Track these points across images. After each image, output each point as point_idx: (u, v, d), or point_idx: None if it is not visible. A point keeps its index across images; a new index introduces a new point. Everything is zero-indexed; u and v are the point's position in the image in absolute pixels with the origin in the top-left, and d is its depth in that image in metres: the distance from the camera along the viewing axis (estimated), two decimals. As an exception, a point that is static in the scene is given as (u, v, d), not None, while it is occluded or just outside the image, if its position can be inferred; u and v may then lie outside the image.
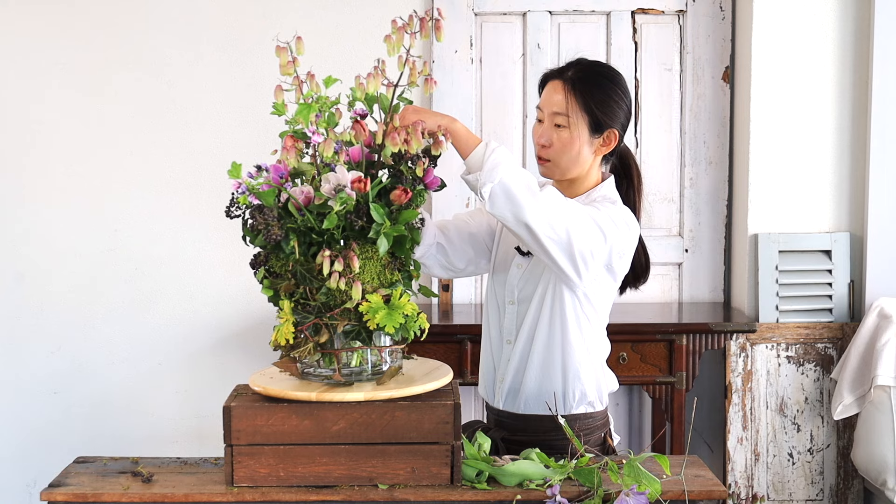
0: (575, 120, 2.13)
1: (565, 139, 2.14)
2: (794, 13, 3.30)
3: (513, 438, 2.21)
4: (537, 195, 1.96)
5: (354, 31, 3.44)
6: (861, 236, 3.34)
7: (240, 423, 1.82)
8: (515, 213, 1.95)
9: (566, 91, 2.14)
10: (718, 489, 1.85)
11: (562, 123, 2.14)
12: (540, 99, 2.21)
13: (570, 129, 2.14)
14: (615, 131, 2.17)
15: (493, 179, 1.92)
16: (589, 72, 2.17)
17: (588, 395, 2.21)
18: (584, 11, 3.47)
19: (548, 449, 2.00)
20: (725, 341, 3.18)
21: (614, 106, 2.16)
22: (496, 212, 1.96)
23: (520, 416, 2.22)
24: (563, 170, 2.18)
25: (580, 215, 2.02)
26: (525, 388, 2.21)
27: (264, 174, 1.86)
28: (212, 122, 3.48)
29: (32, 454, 3.52)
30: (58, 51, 3.45)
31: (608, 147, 2.18)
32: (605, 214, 2.08)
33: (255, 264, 1.89)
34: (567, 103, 2.13)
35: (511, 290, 2.23)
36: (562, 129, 2.14)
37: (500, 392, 2.25)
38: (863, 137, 3.32)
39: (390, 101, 1.91)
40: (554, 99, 2.15)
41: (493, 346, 2.29)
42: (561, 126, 2.14)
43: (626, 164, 2.28)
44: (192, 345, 3.54)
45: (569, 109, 2.13)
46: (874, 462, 3.12)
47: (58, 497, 1.83)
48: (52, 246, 3.50)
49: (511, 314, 2.23)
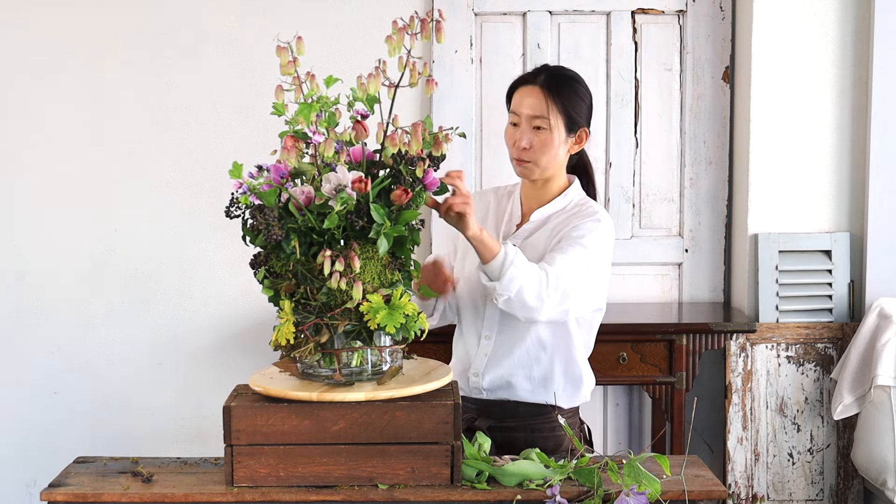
0: (554, 121, 2.26)
1: (545, 140, 2.26)
2: (794, 13, 3.30)
3: (502, 426, 2.32)
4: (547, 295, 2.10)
5: (354, 31, 3.44)
6: (861, 236, 3.34)
7: (240, 423, 1.82)
8: (526, 316, 2.14)
9: (544, 95, 2.26)
10: (718, 489, 1.85)
11: (541, 125, 2.26)
12: (511, 104, 2.32)
13: (551, 130, 2.26)
14: (586, 130, 2.32)
15: (510, 291, 2.08)
16: (559, 75, 2.30)
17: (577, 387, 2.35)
18: (584, 11, 3.47)
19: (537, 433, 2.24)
20: (725, 341, 3.19)
21: (583, 106, 2.31)
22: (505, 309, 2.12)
23: (508, 403, 2.33)
24: (543, 169, 2.29)
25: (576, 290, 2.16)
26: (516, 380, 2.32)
27: (265, 174, 1.86)
28: (212, 122, 3.48)
29: (32, 454, 3.52)
30: (58, 51, 3.45)
31: (580, 145, 2.33)
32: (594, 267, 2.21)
33: (256, 264, 1.89)
34: (546, 106, 2.25)
35: None
36: (541, 131, 2.26)
37: (478, 384, 2.35)
38: (863, 137, 3.32)
39: (391, 102, 1.91)
40: (531, 103, 2.27)
41: (466, 339, 2.40)
42: (540, 128, 2.26)
43: (583, 161, 2.43)
44: (192, 345, 3.54)
45: (548, 111, 2.25)
46: (874, 462, 3.12)
47: (58, 497, 1.83)
48: (52, 246, 3.50)
49: (493, 311, 2.32)
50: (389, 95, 1.90)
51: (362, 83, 1.90)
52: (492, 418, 2.33)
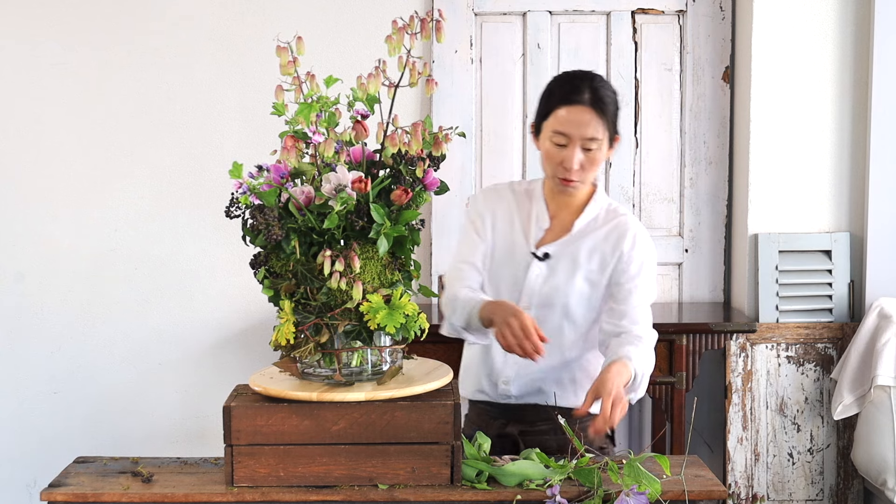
0: (603, 139, 2.20)
1: (594, 159, 2.20)
2: (794, 13, 3.30)
3: (533, 430, 2.29)
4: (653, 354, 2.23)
5: (354, 31, 3.44)
6: (861, 236, 3.34)
7: (240, 423, 1.82)
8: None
9: (596, 115, 2.18)
10: (718, 489, 1.85)
11: (593, 147, 2.19)
12: (553, 121, 2.20)
13: (600, 147, 2.20)
14: (618, 136, 2.27)
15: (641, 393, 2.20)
16: (602, 90, 2.21)
17: None
18: (584, 11, 3.47)
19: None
20: (725, 341, 3.18)
21: (618, 114, 2.25)
22: None
23: (539, 407, 2.28)
24: (587, 183, 2.26)
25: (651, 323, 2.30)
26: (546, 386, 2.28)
27: (265, 174, 1.86)
28: (212, 122, 3.48)
29: (32, 454, 3.52)
30: (58, 51, 3.45)
31: (612, 150, 2.27)
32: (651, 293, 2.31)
33: (256, 264, 1.89)
34: (597, 127, 2.18)
35: (530, 294, 2.27)
36: (592, 152, 2.19)
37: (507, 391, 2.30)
38: (863, 137, 3.32)
39: (391, 102, 1.91)
40: (584, 125, 2.17)
41: (492, 346, 2.30)
42: (591, 149, 2.19)
43: None
44: (192, 345, 3.54)
45: (599, 132, 2.18)
46: (874, 462, 3.12)
47: (58, 497, 1.83)
48: (52, 246, 3.50)
49: None
50: (389, 95, 1.90)
51: (362, 83, 1.89)
52: (524, 423, 2.30)
